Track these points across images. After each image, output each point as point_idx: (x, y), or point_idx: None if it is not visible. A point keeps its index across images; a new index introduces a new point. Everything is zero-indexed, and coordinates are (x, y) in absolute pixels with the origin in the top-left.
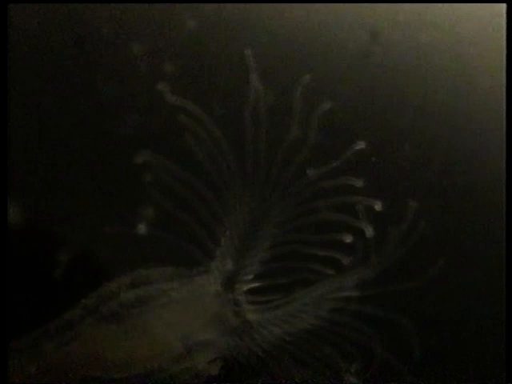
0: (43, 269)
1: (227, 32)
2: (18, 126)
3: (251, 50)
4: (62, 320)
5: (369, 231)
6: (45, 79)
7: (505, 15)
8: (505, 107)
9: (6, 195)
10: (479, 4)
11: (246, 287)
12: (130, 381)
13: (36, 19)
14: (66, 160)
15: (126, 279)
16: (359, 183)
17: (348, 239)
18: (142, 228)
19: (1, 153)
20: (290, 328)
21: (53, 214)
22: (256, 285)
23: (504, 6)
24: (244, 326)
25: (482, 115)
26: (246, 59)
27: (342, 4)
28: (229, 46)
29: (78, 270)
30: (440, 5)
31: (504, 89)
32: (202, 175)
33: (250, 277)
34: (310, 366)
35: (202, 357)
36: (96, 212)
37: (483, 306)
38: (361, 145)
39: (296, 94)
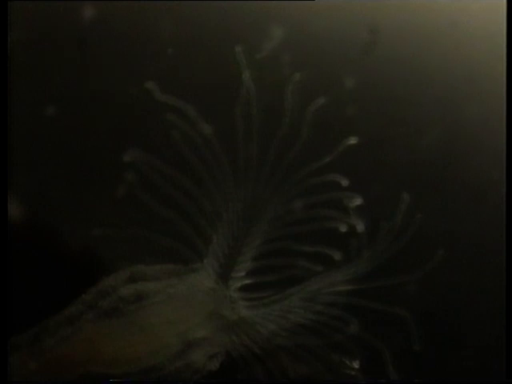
0: (42, 264)
1: (218, 28)
2: (18, 124)
3: (242, 46)
4: (62, 315)
5: (360, 226)
6: (45, 77)
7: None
8: (505, 100)
9: (6, 193)
10: None
11: (239, 284)
12: (129, 377)
13: (37, 17)
14: (65, 157)
15: (124, 274)
16: (345, 182)
17: (343, 228)
18: (134, 227)
19: (1, 152)
20: (286, 323)
21: (52, 209)
22: (249, 281)
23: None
24: (239, 323)
25: (481, 108)
26: (237, 56)
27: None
28: (220, 43)
29: (77, 265)
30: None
31: (504, 80)
32: (193, 173)
33: (243, 273)
34: (306, 362)
35: (200, 353)
36: (94, 208)
37: (482, 299)
38: (352, 140)
39: (288, 90)
